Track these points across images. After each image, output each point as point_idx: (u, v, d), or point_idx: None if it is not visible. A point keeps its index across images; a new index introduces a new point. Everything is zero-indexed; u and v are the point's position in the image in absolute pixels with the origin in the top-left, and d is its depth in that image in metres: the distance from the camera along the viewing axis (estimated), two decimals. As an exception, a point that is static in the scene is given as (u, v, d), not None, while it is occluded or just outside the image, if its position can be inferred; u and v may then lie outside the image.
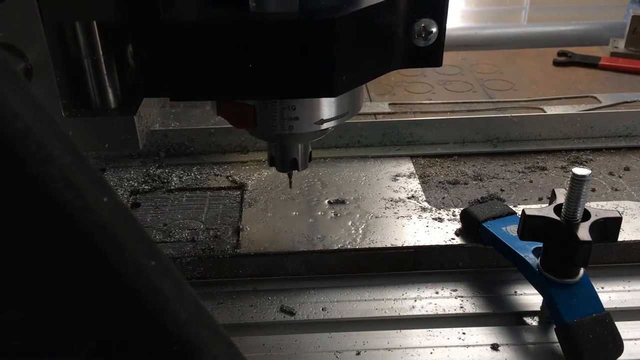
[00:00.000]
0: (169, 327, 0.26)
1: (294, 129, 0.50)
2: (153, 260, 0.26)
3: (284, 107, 0.49)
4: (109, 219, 0.24)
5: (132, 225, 0.26)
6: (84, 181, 0.24)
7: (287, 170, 0.58)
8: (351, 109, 0.53)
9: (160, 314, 0.26)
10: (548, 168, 0.74)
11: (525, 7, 1.41)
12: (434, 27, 0.48)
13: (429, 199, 0.67)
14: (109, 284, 0.25)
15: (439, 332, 0.52)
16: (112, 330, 0.26)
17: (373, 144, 0.77)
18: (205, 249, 0.58)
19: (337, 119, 0.52)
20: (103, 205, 0.24)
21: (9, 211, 0.23)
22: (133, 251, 0.25)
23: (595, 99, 0.89)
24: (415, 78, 0.99)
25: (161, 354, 0.26)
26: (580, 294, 0.49)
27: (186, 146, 0.76)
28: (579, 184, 0.46)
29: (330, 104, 0.51)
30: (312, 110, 0.50)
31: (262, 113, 0.50)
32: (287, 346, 0.51)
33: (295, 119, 0.50)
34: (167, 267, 0.27)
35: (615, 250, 0.59)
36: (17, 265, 0.24)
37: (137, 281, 0.25)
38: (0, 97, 0.22)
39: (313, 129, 0.51)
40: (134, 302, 0.25)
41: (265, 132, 0.52)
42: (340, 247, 0.58)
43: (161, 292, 0.26)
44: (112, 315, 0.25)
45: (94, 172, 0.25)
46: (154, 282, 0.25)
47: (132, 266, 0.25)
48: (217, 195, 0.68)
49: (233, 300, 0.56)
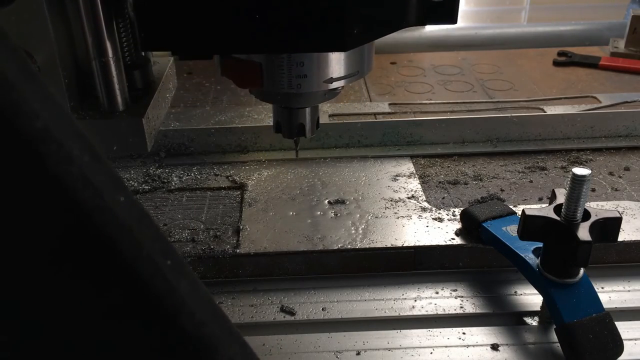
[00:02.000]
0: (185, 326, 0.26)
1: (302, 88, 0.48)
2: (169, 259, 0.26)
3: (292, 64, 0.47)
4: (126, 218, 0.24)
5: (148, 225, 0.26)
6: (101, 180, 0.24)
7: (294, 137, 0.56)
8: (361, 68, 0.51)
9: (177, 313, 0.26)
10: (548, 168, 0.74)
11: (525, 7, 1.41)
12: None
13: (429, 199, 0.67)
14: (127, 282, 0.25)
15: (439, 332, 0.52)
16: (130, 329, 0.26)
17: (373, 144, 0.77)
18: (205, 249, 0.58)
19: (347, 78, 0.50)
20: (120, 205, 0.24)
21: (31, 210, 0.23)
22: (150, 250, 0.25)
23: (595, 99, 0.89)
24: (416, 78, 0.99)
25: (178, 353, 0.26)
26: (580, 294, 0.49)
27: (186, 146, 0.76)
28: (579, 184, 0.46)
29: (339, 61, 0.48)
30: (321, 67, 0.48)
31: (269, 70, 0.47)
32: (287, 346, 0.51)
33: (304, 77, 0.48)
34: (183, 266, 0.27)
35: (615, 250, 0.59)
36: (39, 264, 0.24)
37: (154, 280, 0.25)
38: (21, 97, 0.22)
39: (322, 88, 0.49)
40: (152, 300, 0.25)
41: (271, 91, 0.50)
42: (340, 247, 0.58)
43: (178, 291, 0.26)
44: (130, 313, 0.25)
45: (110, 171, 0.25)
46: (170, 281, 0.26)
47: (149, 265, 0.25)
48: (217, 195, 0.68)
49: (233, 300, 0.56)
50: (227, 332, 0.29)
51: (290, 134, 0.55)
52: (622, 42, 1.07)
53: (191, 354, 0.26)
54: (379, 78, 0.99)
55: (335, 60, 0.48)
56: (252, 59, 0.47)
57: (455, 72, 1.01)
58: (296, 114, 0.54)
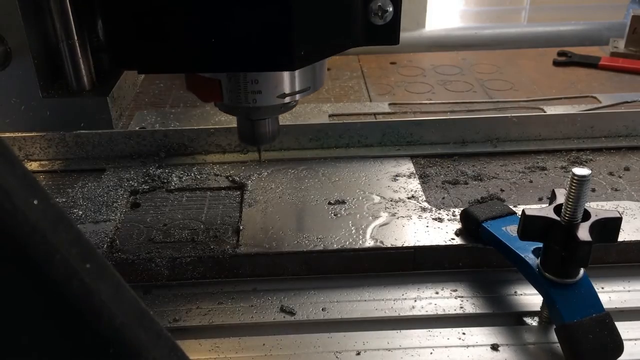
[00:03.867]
0: (104, 330, 0.26)
1: (258, 102, 0.53)
2: (89, 262, 0.25)
3: (247, 81, 0.52)
4: (39, 221, 0.24)
5: (66, 228, 0.25)
6: (12, 183, 0.23)
7: (256, 145, 0.62)
8: (312, 84, 0.56)
9: (94, 316, 0.25)
10: (548, 168, 0.74)
11: (525, 7, 1.41)
12: (390, 6, 0.50)
13: (429, 199, 0.67)
14: (39, 287, 0.24)
15: (439, 332, 0.52)
16: (45, 334, 0.25)
17: (373, 144, 0.77)
18: (205, 249, 0.58)
19: (299, 93, 0.55)
20: (33, 208, 0.24)
21: None
22: (65, 254, 0.25)
23: (595, 99, 0.89)
24: (416, 78, 0.99)
25: (96, 357, 0.26)
26: (580, 294, 0.48)
27: (186, 146, 0.76)
28: (579, 184, 0.46)
29: (291, 78, 0.53)
30: (274, 83, 0.53)
31: (227, 86, 0.53)
32: (287, 346, 0.51)
33: (258, 92, 0.53)
34: (105, 269, 0.27)
35: (615, 250, 0.59)
36: None
37: (70, 284, 0.25)
38: None
39: (276, 102, 0.54)
40: (66, 305, 0.25)
41: (230, 105, 0.55)
42: (340, 247, 0.58)
43: (96, 295, 0.25)
44: (44, 318, 0.25)
45: (24, 175, 0.24)
46: (88, 284, 0.25)
47: (64, 269, 0.24)
48: (217, 195, 0.68)
49: (233, 300, 0.56)
50: (154, 335, 0.28)
51: (252, 142, 0.61)
52: (622, 42, 1.07)
53: (111, 358, 0.26)
54: (379, 78, 0.99)
55: (287, 78, 0.53)
56: (213, 76, 0.53)
57: (455, 72, 1.01)
58: (257, 124, 0.59)
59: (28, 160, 0.75)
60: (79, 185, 0.70)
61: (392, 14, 0.50)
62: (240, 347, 0.51)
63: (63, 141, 0.74)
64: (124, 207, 0.66)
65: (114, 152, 0.75)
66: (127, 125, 0.82)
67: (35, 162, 0.75)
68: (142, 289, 0.57)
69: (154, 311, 0.54)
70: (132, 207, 0.66)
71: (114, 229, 0.62)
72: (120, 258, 0.57)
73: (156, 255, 0.57)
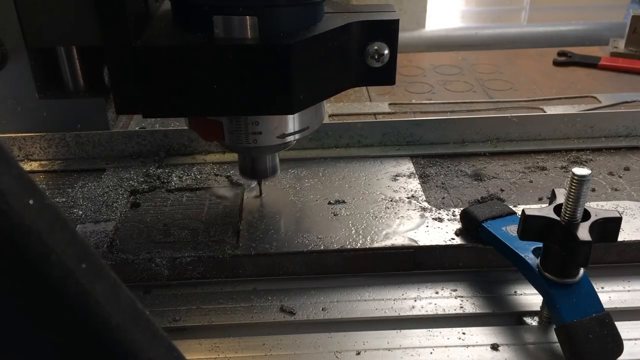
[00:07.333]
0: (99, 330, 0.26)
1: (258, 142, 0.55)
2: (84, 263, 0.25)
3: (248, 123, 0.54)
4: (35, 222, 0.24)
5: (62, 228, 0.25)
6: (7, 183, 0.23)
7: (256, 179, 0.64)
8: (312, 123, 0.58)
9: (90, 317, 0.25)
10: (548, 168, 0.74)
11: (525, 7, 1.41)
12: (386, 49, 0.52)
13: (429, 199, 0.67)
14: (34, 287, 0.24)
15: (438, 332, 0.52)
16: (40, 335, 0.25)
17: (373, 144, 0.77)
18: (205, 249, 0.58)
19: (298, 133, 0.57)
20: (28, 208, 0.24)
21: None
22: (61, 254, 0.25)
23: (595, 99, 0.89)
24: (416, 78, 0.99)
25: (92, 358, 0.26)
26: (580, 294, 0.48)
27: (186, 146, 0.76)
28: (579, 184, 0.46)
29: (290, 119, 0.55)
30: (274, 125, 0.55)
31: (229, 128, 0.55)
32: (287, 346, 0.51)
33: (259, 133, 0.55)
34: (101, 269, 0.26)
35: (615, 250, 0.59)
36: None
37: (65, 284, 0.25)
38: None
39: (276, 142, 0.56)
40: (62, 305, 0.25)
41: (232, 145, 0.57)
42: (340, 247, 0.58)
43: (92, 295, 0.25)
44: (40, 319, 0.25)
45: (20, 174, 0.24)
46: (83, 285, 0.25)
47: (59, 269, 0.24)
48: (217, 195, 0.68)
49: (233, 300, 0.56)
50: (150, 335, 0.28)
51: (253, 176, 0.63)
52: (622, 42, 1.07)
53: (106, 358, 0.26)
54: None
55: (287, 119, 0.55)
56: (215, 118, 0.55)
57: (455, 72, 1.01)
58: (257, 160, 0.61)
59: (28, 160, 0.75)
60: (79, 185, 0.70)
61: (388, 57, 0.52)
62: (240, 347, 0.51)
63: (63, 141, 0.74)
64: (124, 207, 0.66)
65: (114, 152, 0.75)
66: (127, 125, 0.82)
67: (35, 162, 0.75)
68: (142, 288, 0.57)
69: (154, 311, 0.54)
70: (132, 207, 0.66)
71: (114, 228, 0.62)
72: (120, 258, 0.57)
73: (156, 255, 0.57)
